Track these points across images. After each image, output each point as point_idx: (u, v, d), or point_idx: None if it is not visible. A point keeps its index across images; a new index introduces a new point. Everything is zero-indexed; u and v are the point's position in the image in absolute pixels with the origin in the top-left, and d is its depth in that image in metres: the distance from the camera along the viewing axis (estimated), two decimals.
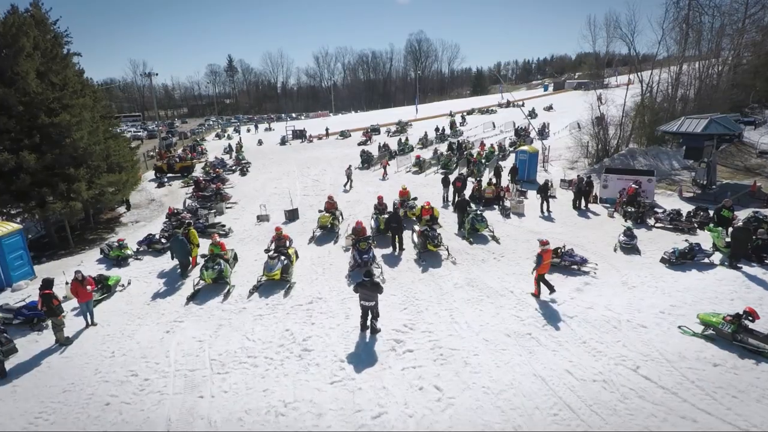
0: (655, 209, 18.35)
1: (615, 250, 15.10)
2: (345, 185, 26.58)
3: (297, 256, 15.15)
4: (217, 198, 22.71)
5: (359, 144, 45.45)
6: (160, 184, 29.23)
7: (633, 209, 17.93)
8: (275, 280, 12.98)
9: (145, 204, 26.62)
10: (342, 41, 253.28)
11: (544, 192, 19.52)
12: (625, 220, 18.08)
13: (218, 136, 57.92)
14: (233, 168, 32.50)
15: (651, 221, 17.55)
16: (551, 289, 11.89)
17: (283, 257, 13.30)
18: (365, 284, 10.00)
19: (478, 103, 77.35)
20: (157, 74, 45.10)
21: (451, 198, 21.58)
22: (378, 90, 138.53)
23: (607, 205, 20.55)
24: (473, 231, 16.64)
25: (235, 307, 12.10)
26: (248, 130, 64.31)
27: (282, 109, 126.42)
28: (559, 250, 13.85)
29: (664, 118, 32.01)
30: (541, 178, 25.69)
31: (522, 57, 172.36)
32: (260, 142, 47.93)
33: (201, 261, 13.65)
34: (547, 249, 11.96)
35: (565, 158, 31.95)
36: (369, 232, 16.96)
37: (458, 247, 15.77)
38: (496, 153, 31.50)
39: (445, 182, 21.65)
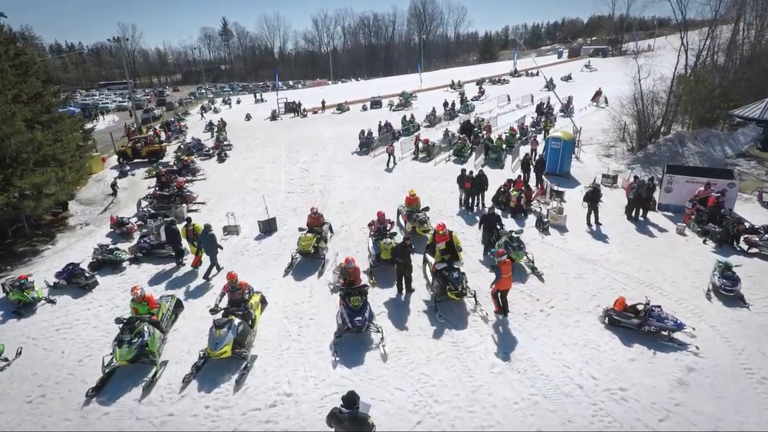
0: (742, 224, 13.97)
1: (708, 297, 10.78)
2: (387, 164, 23.70)
3: (264, 304, 10.91)
4: (177, 200, 18.18)
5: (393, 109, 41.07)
6: (122, 174, 24.71)
7: (717, 228, 13.50)
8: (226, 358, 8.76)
9: (100, 200, 22.21)
10: (342, 3, 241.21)
11: (594, 200, 15.06)
12: (704, 241, 13.72)
13: (203, 108, 52.59)
14: (210, 152, 27.83)
15: (742, 245, 13.20)
16: (505, 310, 10.32)
17: (237, 321, 9.03)
18: (342, 420, 5.75)
19: (488, 72, 71.48)
20: (128, 39, 40.01)
21: (468, 200, 17.16)
22: (380, 56, 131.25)
23: (669, 213, 16.16)
24: None
25: (157, 411, 7.91)
26: (238, 102, 59.02)
27: (280, 75, 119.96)
28: (639, 309, 9.54)
29: (717, 94, 27.18)
30: (578, 174, 21.25)
31: (531, 21, 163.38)
32: (248, 117, 42.98)
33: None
34: (504, 261, 9.98)
35: (597, 142, 27.28)
36: (366, 264, 12.66)
37: (487, 287, 11.46)
38: (517, 136, 26.74)
39: (463, 181, 17.13)
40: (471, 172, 16.86)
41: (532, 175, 19.69)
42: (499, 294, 10.31)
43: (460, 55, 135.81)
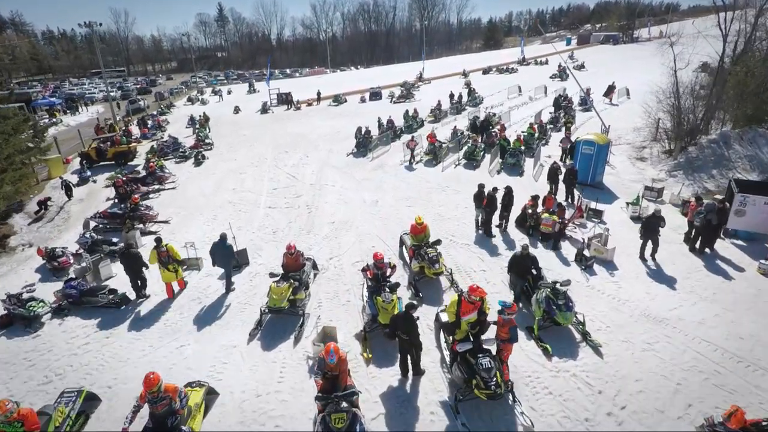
0: None
1: None
2: (409, 159, 21.34)
3: (213, 396, 7.73)
4: (129, 223, 14.83)
5: (394, 102, 38.30)
6: (83, 180, 21.35)
7: None
8: None
9: (54, 212, 18.92)
10: None
11: (653, 229, 11.76)
12: None
13: (190, 100, 49.00)
14: (187, 153, 24.40)
15: None
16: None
17: None
18: None
19: (494, 60, 67.72)
20: (101, 24, 35.82)
21: (490, 225, 13.87)
22: (380, 43, 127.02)
23: (740, 242, 12.91)
24: (549, 323, 9.11)
25: None
26: (229, 92, 55.34)
27: (276, 63, 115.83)
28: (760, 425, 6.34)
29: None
30: (611, 183, 17.98)
31: (536, 6, 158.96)
32: (237, 110, 39.49)
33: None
34: (510, 320, 7.49)
35: (627, 141, 23.90)
36: (361, 322, 9.51)
37: (522, 364, 8.28)
38: (536, 135, 23.32)
39: (480, 199, 13.85)
40: (494, 190, 13.51)
41: (560, 187, 16.48)
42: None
43: (463, 42, 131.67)
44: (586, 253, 11.94)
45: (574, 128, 24.99)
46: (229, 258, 11.27)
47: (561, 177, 16.45)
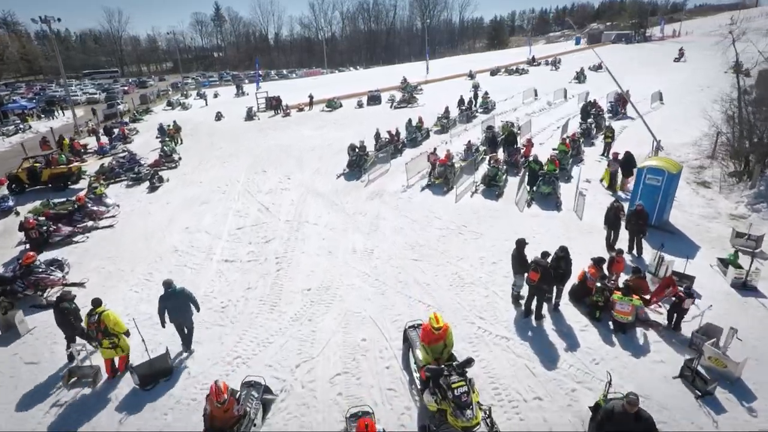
0: None
1: None
2: (430, 175, 17.56)
3: None
4: (5, 301, 9.82)
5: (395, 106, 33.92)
6: (0, 212, 16.94)
7: None
8: None
9: None
10: None
11: None
12: None
13: (170, 104, 44.54)
14: (140, 174, 19.87)
15: None
16: None
17: None
18: None
19: (501, 60, 63.27)
20: (59, 20, 31.23)
21: (532, 302, 9.42)
22: (380, 42, 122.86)
23: None
24: None
25: None
26: (215, 96, 50.91)
27: (273, 63, 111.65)
28: None
29: None
30: (679, 222, 13.50)
31: (539, 5, 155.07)
32: (219, 117, 35.07)
33: None
34: None
35: (679, 157, 19.43)
36: None
37: None
38: (570, 153, 18.87)
39: (521, 263, 9.43)
40: (545, 255, 9.04)
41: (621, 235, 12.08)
42: None
43: (465, 41, 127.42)
44: (700, 367, 7.51)
45: (618, 145, 20.52)
46: (187, 308, 8.58)
47: (623, 219, 12.03)
